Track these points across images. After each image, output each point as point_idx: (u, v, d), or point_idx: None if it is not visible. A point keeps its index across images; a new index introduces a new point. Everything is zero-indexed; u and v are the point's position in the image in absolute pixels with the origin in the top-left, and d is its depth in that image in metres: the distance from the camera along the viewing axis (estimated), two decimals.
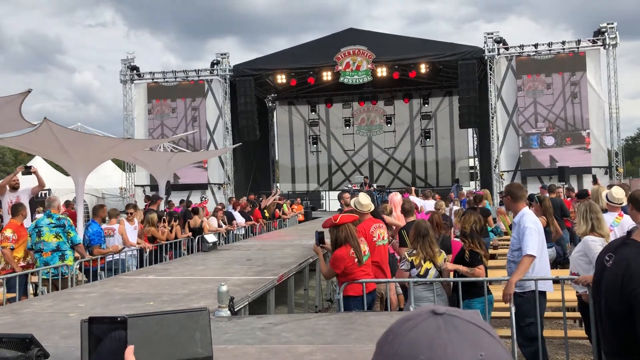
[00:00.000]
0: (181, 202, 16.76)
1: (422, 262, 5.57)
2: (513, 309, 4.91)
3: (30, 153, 15.47)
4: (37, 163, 26.16)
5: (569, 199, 11.83)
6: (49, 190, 20.63)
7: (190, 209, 13.38)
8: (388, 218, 7.69)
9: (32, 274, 7.43)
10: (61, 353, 2.80)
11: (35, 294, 7.44)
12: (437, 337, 0.76)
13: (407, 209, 8.16)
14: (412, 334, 0.78)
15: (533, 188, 18.75)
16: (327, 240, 5.72)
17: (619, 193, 6.18)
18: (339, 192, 20.07)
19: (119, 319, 1.34)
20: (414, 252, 5.66)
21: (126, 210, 10.13)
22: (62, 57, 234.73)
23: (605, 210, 6.12)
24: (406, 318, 0.82)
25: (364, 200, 6.28)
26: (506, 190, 5.79)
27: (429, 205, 12.10)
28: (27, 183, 9.91)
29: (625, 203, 5.94)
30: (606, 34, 21.66)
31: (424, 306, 0.85)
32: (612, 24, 21.72)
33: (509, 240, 6.76)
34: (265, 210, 17.66)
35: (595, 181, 12.80)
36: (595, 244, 4.94)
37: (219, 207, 15.33)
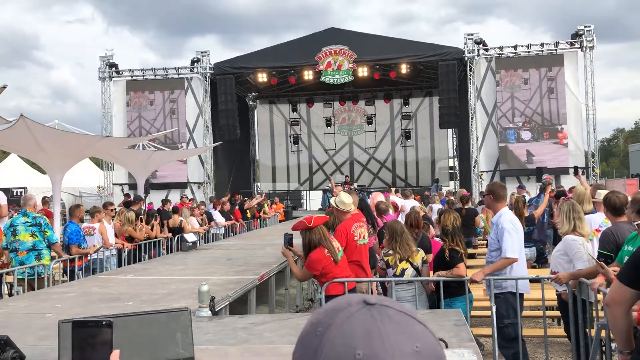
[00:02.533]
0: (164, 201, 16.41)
1: (398, 262, 5.57)
2: (494, 308, 4.93)
3: (6, 150, 15.19)
4: (13, 160, 25.77)
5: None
6: (25, 188, 20.28)
7: (165, 207, 13.23)
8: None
9: (7, 273, 7.28)
10: (38, 354, 2.73)
11: (11, 294, 7.29)
12: (372, 328, 0.73)
13: (383, 209, 8.16)
14: (347, 326, 0.74)
15: (511, 188, 18.94)
16: (295, 243, 5.53)
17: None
18: (320, 190, 19.90)
19: (104, 322, 1.30)
20: (390, 252, 5.66)
21: (106, 208, 9.90)
22: (39, 53, 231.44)
23: (588, 212, 6.19)
24: (336, 308, 0.77)
25: (347, 199, 6.13)
26: (488, 189, 5.74)
27: (409, 204, 12.13)
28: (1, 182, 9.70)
29: None
30: (583, 36, 21.99)
31: (350, 295, 0.81)
32: (589, 26, 22.04)
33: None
34: (248, 211, 17.67)
35: (576, 173, 12.70)
36: (575, 243, 5.00)
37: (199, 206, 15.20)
